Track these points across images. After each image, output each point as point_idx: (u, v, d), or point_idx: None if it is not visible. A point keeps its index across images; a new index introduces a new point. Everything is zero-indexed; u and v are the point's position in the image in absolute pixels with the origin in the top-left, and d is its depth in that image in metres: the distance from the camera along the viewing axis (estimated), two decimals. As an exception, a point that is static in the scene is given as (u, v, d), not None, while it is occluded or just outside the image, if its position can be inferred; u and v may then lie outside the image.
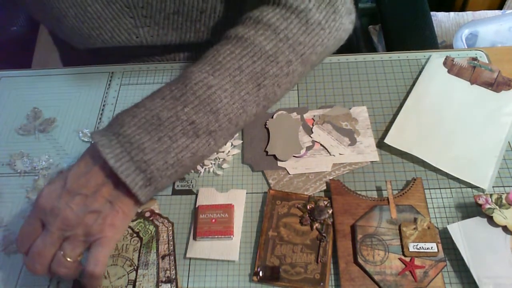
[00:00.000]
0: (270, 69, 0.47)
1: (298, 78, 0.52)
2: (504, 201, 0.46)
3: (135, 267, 0.47)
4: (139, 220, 0.50)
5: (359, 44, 1.15)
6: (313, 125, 0.57)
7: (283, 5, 0.48)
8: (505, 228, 0.45)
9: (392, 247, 0.46)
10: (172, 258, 0.48)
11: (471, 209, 0.49)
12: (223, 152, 0.55)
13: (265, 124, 0.57)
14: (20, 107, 0.63)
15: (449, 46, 1.08)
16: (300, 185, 0.52)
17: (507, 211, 0.45)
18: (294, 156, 0.54)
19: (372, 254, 0.45)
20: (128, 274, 0.47)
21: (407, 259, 0.45)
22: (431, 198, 0.50)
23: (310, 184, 0.52)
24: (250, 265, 0.47)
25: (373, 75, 0.61)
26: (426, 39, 0.77)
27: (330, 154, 0.54)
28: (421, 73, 0.60)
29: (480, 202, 0.46)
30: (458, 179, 0.51)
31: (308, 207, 0.49)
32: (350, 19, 0.53)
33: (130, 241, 0.49)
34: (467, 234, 0.45)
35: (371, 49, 1.14)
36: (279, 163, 0.54)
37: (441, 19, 1.12)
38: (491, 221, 0.45)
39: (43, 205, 0.43)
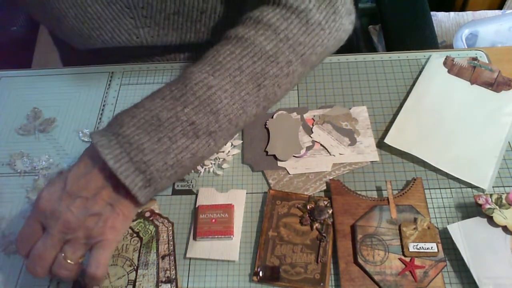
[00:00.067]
0: (270, 70, 0.47)
1: (298, 79, 0.51)
2: (504, 201, 0.46)
3: (135, 267, 0.47)
4: (139, 220, 0.50)
5: (359, 44, 1.15)
6: (313, 125, 0.57)
7: (284, 5, 0.48)
8: (505, 228, 0.45)
9: (392, 247, 0.46)
10: (172, 258, 0.48)
11: (471, 209, 0.49)
12: (223, 152, 0.55)
13: (265, 124, 0.57)
14: (20, 107, 0.63)
15: (449, 46, 1.08)
16: (300, 185, 0.52)
17: (507, 211, 0.45)
18: (294, 156, 0.54)
19: (372, 254, 0.45)
20: (128, 274, 0.47)
21: (407, 259, 0.45)
22: (431, 198, 0.50)
23: (310, 184, 0.52)
24: (250, 265, 0.47)
25: (373, 75, 0.61)
26: (426, 39, 0.77)
27: (330, 154, 0.54)
28: (421, 73, 0.60)
29: (480, 202, 0.46)
30: (458, 179, 0.51)
31: (308, 207, 0.49)
32: (350, 20, 0.53)
33: (130, 241, 0.49)
34: (467, 234, 0.45)
35: (371, 49, 1.14)
36: (279, 163, 0.54)
37: (441, 19, 1.12)
38: (491, 221, 0.45)
39: (43, 208, 0.42)
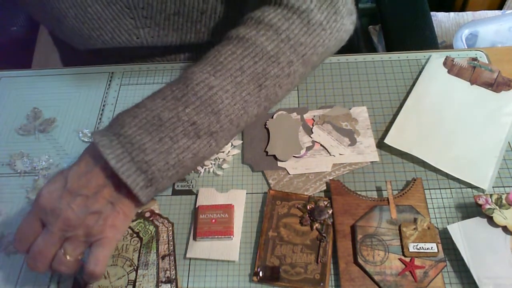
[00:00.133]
0: (272, 70, 0.47)
1: (299, 79, 0.51)
2: (504, 201, 0.46)
3: (135, 267, 0.47)
4: (139, 220, 0.50)
5: (359, 44, 1.15)
6: (313, 125, 0.57)
7: (285, 6, 0.48)
8: (505, 228, 0.45)
9: (392, 247, 0.46)
10: (172, 258, 0.48)
11: (471, 209, 0.49)
12: (223, 152, 0.55)
13: (265, 124, 0.57)
14: (20, 107, 0.63)
15: (449, 46, 1.08)
16: (300, 185, 0.52)
17: (507, 211, 0.45)
18: (294, 156, 0.54)
19: (372, 254, 0.45)
20: (128, 274, 0.47)
21: (407, 259, 0.45)
22: (431, 198, 0.50)
23: (310, 184, 0.52)
24: (250, 265, 0.47)
25: (373, 75, 0.61)
26: (426, 39, 0.77)
27: (330, 154, 0.54)
28: (421, 73, 0.60)
29: (480, 202, 0.46)
30: (458, 179, 0.51)
31: (308, 207, 0.49)
32: (351, 20, 0.53)
33: (130, 241, 0.49)
34: (467, 235, 0.45)
35: (371, 49, 1.14)
36: (279, 163, 0.54)
37: (441, 19, 1.12)
38: (491, 222, 0.45)
39: (44, 205, 0.43)
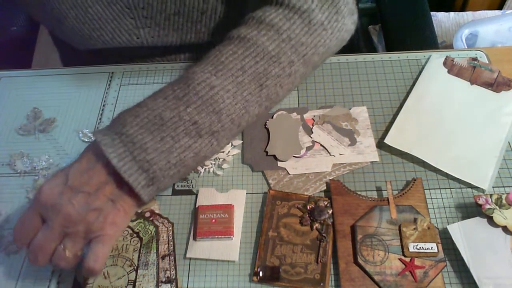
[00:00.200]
0: (273, 70, 0.47)
1: (300, 79, 0.52)
2: (504, 201, 0.46)
3: (135, 267, 0.47)
4: (139, 220, 0.50)
5: (359, 44, 1.15)
6: (313, 125, 0.57)
7: (286, 6, 0.48)
8: (505, 228, 0.45)
9: (392, 247, 0.46)
10: (172, 258, 0.48)
11: (471, 209, 0.49)
12: (223, 152, 0.55)
13: (265, 124, 0.57)
14: (20, 107, 0.63)
15: (449, 46, 1.08)
16: (300, 185, 0.52)
17: (507, 211, 0.45)
18: (294, 156, 0.54)
19: (372, 254, 0.45)
20: (128, 274, 0.47)
21: (407, 259, 0.45)
22: (431, 199, 0.50)
23: (310, 184, 0.52)
24: (250, 265, 0.47)
25: (373, 75, 0.61)
26: (426, 39, 0.78)
27: (330, 154, 0.54)
28: (421, 73, 0.60)
29: (480, 202, 0.46)
30: (458, 179, 0.51)
31: (308, 207, 0.49)
32: (352, 20, 0.53)
33: (130, 241, 0.49)
34: (467, 234, 0.45)
35: (371, 49, 1.14)
36: (279, 163, 0.54)
37: (441, 19, 1.12)
38: (491, 222, 0.45)
39: (44, 201, 0.43)
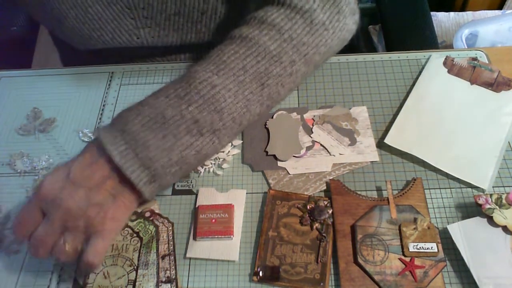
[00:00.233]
0: (274, 69, 0.48)
1: (302, 78, 0.52)
2: (504, 201, 0.46)
3: (135, 267, 0.47)
4: (139, 220, 0.50)
5: (359, 44, 1.15)
6: (313, 125, 0.57)
7: (288, 6, 0.48)
8: (505, 228, 0.45)
9: (392, 247, 0.46)
10: (172, 258, 0.48)
11: (471, 209, 0.49)
12: (223, 152, 0.55)
13: (265, 124, 0.57)
14: (20, 107, 0.63)
15: (449, 46, 1.08)
16: (300, 185, 0.52)
17: (507, 211, 0.45)
18: (294, 156, 0.54)
19: (372, 254, 0.45)
20: (128, 274, 0.47)
21: (407, 259, 0.45)
22: (431, 198, 0.50)
23: (310, 184, 0.52)
24: (250, 265, 0.47)
25: (373, 75, 0.61)
26: (426, 39, 0.78)
27: (330, 154, 0.54)
28: (421, 73, 0.60)
29: (480, 202, 0.46)
30: (458, 179, 0.51)
31: (308, 207, 0.49)
32: (354, 20, 0.53)
33: (130, 241, 0.49)
34: (467, 234, 0.45)
35: (371, 49, 1.14)
36: (279, 163, 0.54)
37: (441, 19, 1.12)
38: (491, 221, 0.45)
39: (45, 195, 0.43)
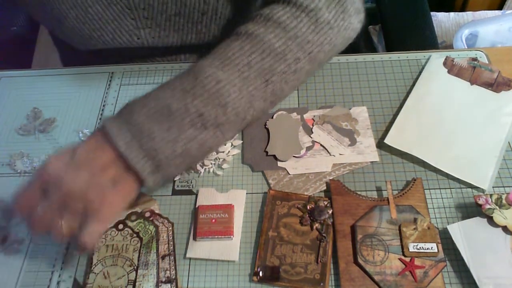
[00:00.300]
0: (278, 66, 0.48)
1: (306, 76, 0.52)
2: (504, 201, 0.46)
3: (135, 267, 0.47)
4: (139, 220, 0.50)
5: (359, 44, 1.15)
6: (313, 125, 0.57)
7: (294, 4, 0.49)
8: (505, 228, 0.45)
9: (392, 247, 0.46)
10: (172, 258, 0.48)
11: (471, 209, 0.49)
12: (223, 152, 0.55)
13: (265, 124, 0.57)
14: (20, 107, 0.63)
15: (449, 46, 1.08)
16: (300, 185, 0.52)
17: (507, 211, 0.45)
18: (294, 156, 0.54)
19: (372, 254, 0.45)
20: (128, 274, 0.47)
21: (407, 259, 0.45)
22: (431, 199, 0.50)
23: (310, 184, 0.52)
24: (250, 265, 0.47)
25: (373, 75, 0.61)
26: (426, 39, 0.78)
27: (330, 154, 0.54)
28: (421, 73, 0.60)
29: (480, 202, 0.46)
30: (458, 179, 0.51)
31: (308, 207, 0.49)
32: (359, 19, 0.53)
33: (130, 241, 0.49)
34: (467, 234, 0.45)
35: (371, 49, 1.14)
36: (279, 163, 0.54)
37: (441, 19, 1.12)
38: (491, 221, 0.45)
39: (48, 176, 0.43)
